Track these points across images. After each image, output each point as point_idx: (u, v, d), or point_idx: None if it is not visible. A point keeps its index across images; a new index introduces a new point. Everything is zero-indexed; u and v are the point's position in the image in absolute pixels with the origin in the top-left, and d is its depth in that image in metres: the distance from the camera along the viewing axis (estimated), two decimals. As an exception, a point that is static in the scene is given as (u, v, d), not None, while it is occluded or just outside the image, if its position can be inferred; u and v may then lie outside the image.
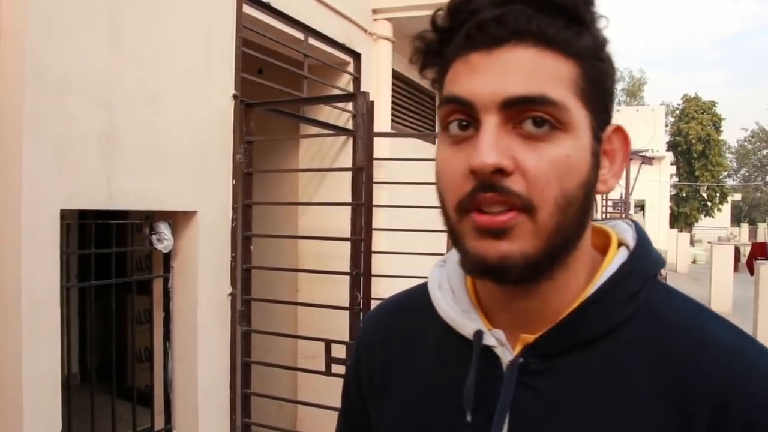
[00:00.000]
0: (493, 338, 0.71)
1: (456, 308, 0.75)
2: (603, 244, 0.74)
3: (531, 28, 0.62)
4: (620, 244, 0.73)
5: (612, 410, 0.65)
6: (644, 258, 0.71)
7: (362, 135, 3.12)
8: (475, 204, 0.63)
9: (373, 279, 3.28)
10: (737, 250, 17.12)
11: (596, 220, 0.77)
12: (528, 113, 0.62)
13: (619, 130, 0.70)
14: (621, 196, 18.49)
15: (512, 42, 0.62)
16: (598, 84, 0.66)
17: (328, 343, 3.16)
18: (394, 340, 0.82)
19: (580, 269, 0.70)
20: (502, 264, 0.63)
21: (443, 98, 0.66)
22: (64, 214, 2.33)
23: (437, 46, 0.68)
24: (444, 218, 0.68)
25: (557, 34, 0.63)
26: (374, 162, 3.28)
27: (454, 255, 0.77)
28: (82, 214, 3.31)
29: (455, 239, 0.67)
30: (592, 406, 0.65)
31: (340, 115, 4.19)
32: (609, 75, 0.67)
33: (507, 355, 0.70)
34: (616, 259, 0.70)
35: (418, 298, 0.82)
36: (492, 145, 0.61)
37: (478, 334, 0.71)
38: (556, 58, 0.63)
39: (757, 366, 0.64)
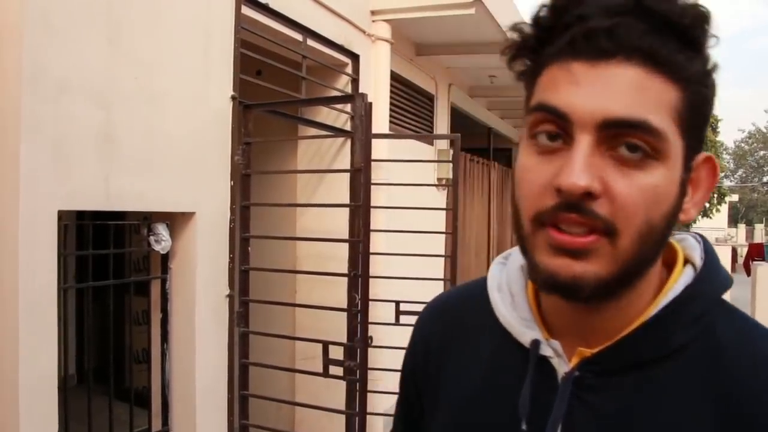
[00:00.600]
0: (550, 349, 0.70)
1: (514, 314, 0.74)
2: (670, 259, 0.71)
3: (642, 45, 0.58)
4: (686, 260, 0.71)
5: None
6: (711, 280, 0.69)
7: (360, 136, 3.11)
8: (555, 220, 0.61)
9: (372, 280, 3.28)
10: (734, 251, 17.14)
11: None
12: (625, 137, 0.59)
13: (709, 160, 0.67)
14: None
15: (619, 57, 0.59)
16: (698, 111, 0.62)
17: (326, 345, 3.16)
18: (450, 337, 0.82)
19: (646, 289, 0.68)
20: (575, 283, 0.61)
21: (536, 104, 0.63)
22: (62, 215, 2.32)
23: (535, 43, 0.64)
24: (515, 225, 0.67)
25: (669, 56, 0.59)
26: (372, 163, 3.28)
27: (517, 256, 0.76)
28: (80, 214, 3.31)
29: (525, 249, 0.66)
30: (645, 428, 0.64)
31: (339, 117, 4.19)
32: (710, 102, 0.64)
33: (563, 366, 0.69)
34: (681, 279, 0.69)
35: (474, 296, 0.81)
36: (584, 167, 0.58)
37: (536, 343, 0.70)
38: (662, 81, 0.59)
39: None
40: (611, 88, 0.58)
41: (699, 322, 0.66)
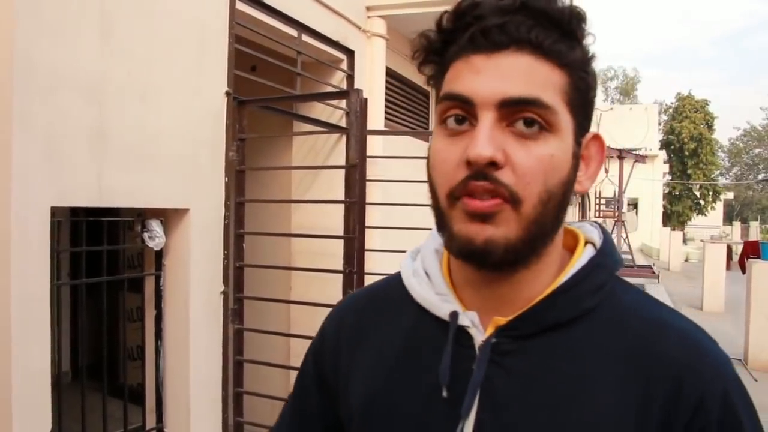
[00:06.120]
0: (467, 319, 0.75)
1: (431, 292, 0.80)
2: (570, 244, 0.80)
3: (530, 37, 0.68)
4: (587, 242, 0.80)
5: (577, 388, 0.71)
6: (610, 255, 0.78)
7: (355, 132, 3.10)
8: (466, 191, 0.68)
9: (366, 277, 3.27)
10: (729, 249, 17.16)
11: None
12: (521, 114, 0.68)
13: (596, 137, 0.77)
14: (614, 195, 18.53)
15: (512, 48, 0.68)
16: (583, 94, 0.72)
17: (320, 342, 3.14)
18: (363, 327, 0.87)
19: (551, 262, 0.76)
20: (487, 246, 0.68)
21: (444, 94, 0.71)
22: (55, 212, 2.31)
23: (440, 46, 0.73)
24: (433, 203, 0.74)
25: (552, 45, 0.69)
26: (367, 159, 3.27)
27: (428, 245, 0.85)
28: (73, 211, 3.29)
29: (443, 223, 0.72)
30: (559, 384, 0.71)
31: (333, 113, 4.18)
32: (592, 87, 0.74)
33: (480, 335, 0.75)
34: (584, 254, 0.77)
35: (387, 288, 0.89)
36: (488, 139, 0.66)
37: (454, 314, 0.76)
38: (549, 67, 0.69)
39: (706, 347, 0.73)
40: (507, 73, 0.68)
41: (602, 289, 0.75)
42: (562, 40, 0.69)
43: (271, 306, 3.80)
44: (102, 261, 2.71)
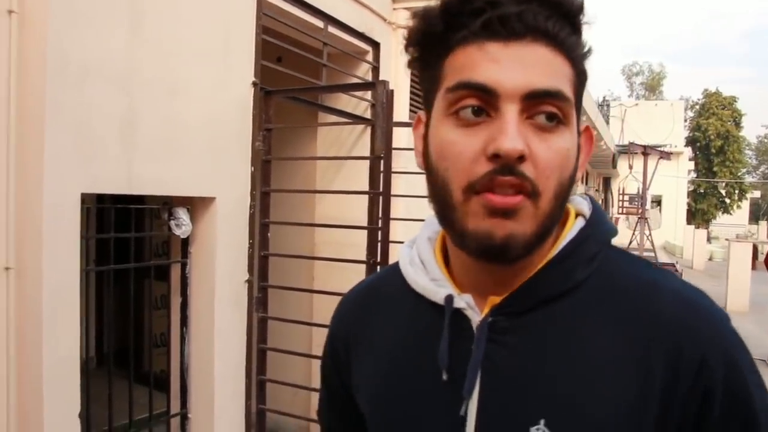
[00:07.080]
0: (463, 301, 0.75)
1: (426, 278, 0.80)
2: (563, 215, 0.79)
3: (547, 27, 0.66)
4: (577, 215, 0.79)
5: (578, 358, 0.70)
6: (600, 224, 0.77)
7: (381, 124, 3.10)
8: (492, 185, 0.66)
9: (390, 269, 3.28)
10: (755, 248, 16.89)
11: None
12: (543, 106, 0.66)
13: (587, 129, 0.77)
14: (638, 191, 18.33)
15: (528, 38, 0.66)
16: (582, 88, 0.72)
17: (343, 332, 3.16)
18: (367, 321, 0.87)
19: (548, 242, 0.74)
20: (508, 242, 0.67)
21: (458, 83, 0.68)
22: (84, 199, 2.35)
23: (442, 29, 0.69)
24: (437, 196, 0.71)
25: (567, 38, 0.68)
26: (392, 151, 3.27)
27: (422, 234, 0.85)
28: (100, 198, 3.33)
29: (452, 219, 0.70)
30: (558, 356, 0.71)
31: (358, 104, 4.18)
32: (587, 80, 0.74)
33: (476, 316, 0.74)
34: (575, 225, 0.77)
35: (386, 279, 0.89)
36: (517, 133, 0.65)
37: (449, 298, 0.76)
38: (562, 58, 0.68)
39: (704, 308, 0.72)
40: (529, 64, 0.66)
41: (594, 259, 0.74)
42: (573, 32, 0.69)
43: (294, 295, 3.82)
44: (129, 248, 2.74)
